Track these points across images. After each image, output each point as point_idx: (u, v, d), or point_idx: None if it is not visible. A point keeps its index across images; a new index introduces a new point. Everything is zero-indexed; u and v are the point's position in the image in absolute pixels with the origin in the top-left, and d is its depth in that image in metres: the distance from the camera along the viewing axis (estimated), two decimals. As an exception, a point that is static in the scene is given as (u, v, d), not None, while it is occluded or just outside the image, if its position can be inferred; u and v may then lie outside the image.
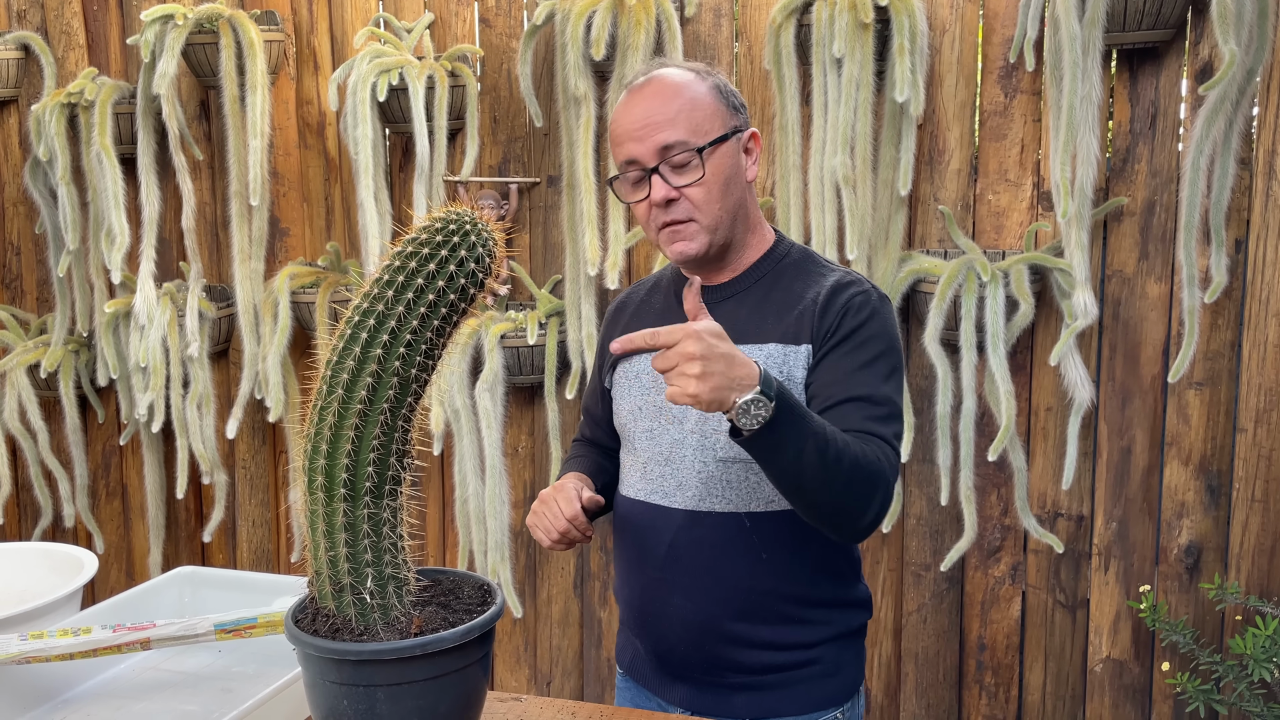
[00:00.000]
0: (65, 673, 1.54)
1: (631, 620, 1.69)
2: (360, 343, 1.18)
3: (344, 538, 1.22)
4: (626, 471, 1.70)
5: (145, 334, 3.07)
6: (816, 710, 1.61)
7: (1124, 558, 2.60)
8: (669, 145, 1.53)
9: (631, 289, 1.82)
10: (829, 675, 1.62)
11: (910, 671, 2.81)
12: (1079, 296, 2.40)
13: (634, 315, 1.74)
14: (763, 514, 1.57)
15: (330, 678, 1.22)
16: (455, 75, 2.89)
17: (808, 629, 1.60)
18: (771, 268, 1.63)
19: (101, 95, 3.09)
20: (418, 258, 1.17)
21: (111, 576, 3.56)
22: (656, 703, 1.68)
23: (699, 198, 1.54)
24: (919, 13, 2.45)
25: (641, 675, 1.70)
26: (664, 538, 1.60)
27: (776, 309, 1.58)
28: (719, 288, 1.63)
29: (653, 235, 1.60)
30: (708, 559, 1.57)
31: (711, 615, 1.58)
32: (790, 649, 1.59)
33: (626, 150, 1.56)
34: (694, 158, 1.53)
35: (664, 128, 1.53)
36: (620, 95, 1.62)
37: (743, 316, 1.59)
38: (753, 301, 1.61)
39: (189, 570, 1.81)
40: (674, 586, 1.60)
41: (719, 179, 1.55)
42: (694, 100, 1.55)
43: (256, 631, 1.49)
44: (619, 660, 1.77)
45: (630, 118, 1.56)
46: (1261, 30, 2.25)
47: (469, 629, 1.23)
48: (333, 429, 1.20)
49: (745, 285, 1.62)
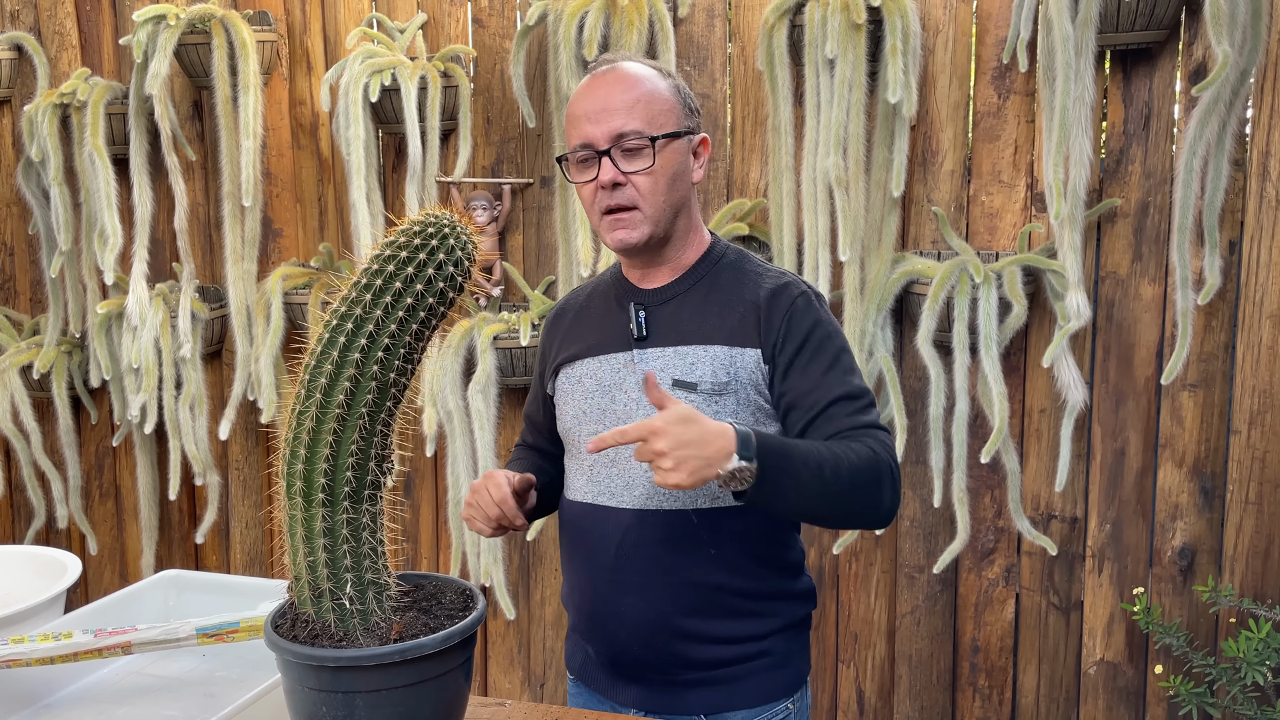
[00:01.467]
0: (47, 677, 1.53)
1: (582, 624, 1.69)
2: (338, 346, 1.17)
3: (323, 543, 1.22)
4: (571, 476, 1.70)
5: (138, 335, 3.07)
6: (768, 702, 1.62)
7: (1118, 560, 2.59)
8: (624, 133, 1.55)
9: (571, 294, 1.82)
10: (779, 666, 1.64)
11: (904, 674, 2.80)
12: (1072, 298, 2.39)
13: (574, 320, 1.74)
14: (710, 510, 1.58)
15: (309, 684, 1.21)
16: (448, 76, 2.89)
17: (757, 621, 1.61)
18: (710, 269, 1.65)
19: (94, 96, 3.08)
20: (395, 261, 1.16)
21: (105, 578, 3.56)
22: (609, 705, 1.68)
23: (646, 186, 1.56)
24: (912, 13, 2.44)
25: (592, 679, 1.71)
26: (613, 538, 1.61)
27: (718, 310, 1.60)
28: (660, 290, 1.65)
29: (595, 220, 1.61)
30: (657, 557, 1.59)
31: (663, 613, 1.59)
32: (741, 642, 1.60)
33: (581, 131, 1.57)
34: (647, 145, 1.55)
35: (620, 114, 1.55)
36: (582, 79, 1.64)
37: (685, 318, 1.61)
38: (694, 303, 1.62)
39: (174, 574, 1.81)
40: (625, 587, 1.61)
41: (667, 172, 1.57)
42: (652, 93, 1.57)
43: (239, 636, 1.48)
44: (569, 666, 1.77)
45: (589, 100, 1.58)
46: (1255, 31, 2.24)
47: (449, 635, 1.23)
48: (311, 433, 1.19)
49: (685, 287, 1.64)
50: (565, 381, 1.69)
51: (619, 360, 1.63)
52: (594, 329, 1.69)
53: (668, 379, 1.57)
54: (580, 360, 1.67)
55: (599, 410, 1.63)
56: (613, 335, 1.65)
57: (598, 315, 1.70)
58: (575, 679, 1.76)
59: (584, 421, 1.65)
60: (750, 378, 1.56)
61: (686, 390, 1.55)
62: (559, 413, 1.71)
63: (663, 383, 1.57)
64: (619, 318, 1.65)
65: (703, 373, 1.56)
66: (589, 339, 1.68)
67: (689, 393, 1.55)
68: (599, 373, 1.64)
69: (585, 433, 1.65)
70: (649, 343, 1.61)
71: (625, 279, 1.69)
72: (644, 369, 1.59)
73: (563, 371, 1.70)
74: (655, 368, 1.58)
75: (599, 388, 1.63)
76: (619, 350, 1.63)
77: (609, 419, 1.62)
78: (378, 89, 2.78)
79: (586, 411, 1.64)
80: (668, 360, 1.58)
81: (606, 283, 1.74)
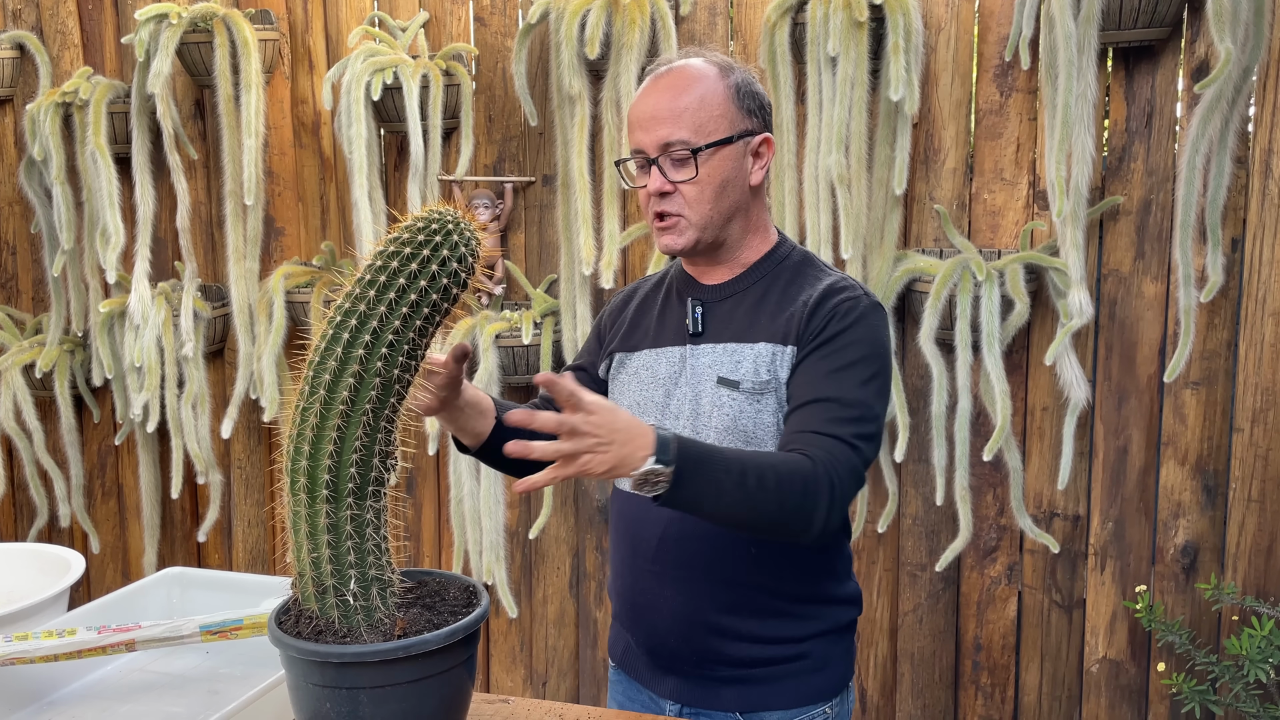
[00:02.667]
0: (51, 674, 1.53)
1: (624, 613, 1.70)
2: (342, 343, 1.17)
3: (327, 539, 1.22)
4: None
5: (140, 334, 3.07)
6: (805, 705, 1.62)
7: (1120, 558, 2.59)
8: (670, 142, 1.55)
9: (641, 280, 1.83)
10: (817, 670, 1.63)
11: (906, 672, 2.80)
12: (1074, 296, 2.39)
13: (639, 308, 1.76)
14: None
15: (313, 680, 1.21)
16: (450, 74, 2.89)
17: (796, 623, 1.61)
18: (771, 269, 1.64)
19: (96, 94, 3.08)
20: (399, 257, 1.16)
21: (107, 577, 3.56)
22: (648, 694, 1.69)
23: (691, 195, 1.56)
24: (914, 11, 2.44)
25: (633, 668, 1.72)
26: (656, 530, 1.61)
27: (771, 310, 1.59)
28: (718, 287, 1.65)
29: (649, 222, 1.64)
30: (698, 552, 1.59)
31: (700, 608, 1.59)
32: (778, 643, 1.60)
33: (635, 138, 1.59)
34: (691, 157, 1.55)
35: (667, 123, 1.55)
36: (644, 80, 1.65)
37: (739, 316, 1.61)
38: (750, 302, 1.62)
39: (177, 571, 1.81)
40: (665, 579, 1.61)
41: (714, 181, 1.56)
42: (703, 99, 1.56)
43: (242, 633, 1.48)
44: (611, 653, 1.79)
45: (642, 106, 1.59)
46: (1258, 28, 2.24)
47: (453, 631, 1.23)
48: (315, 430, 1.19)
49: (744, 286, 1.63)
50: (621, 371, 1.70)
51: (674, 355, 1.64)
52: (653, 320, 1.70)
53: (713, 376, 1.57)
54: (638, 351, 1.68)
55: (654, 404, 1.64)
56: (671, 329, 1.66)
57: (659, 306, 1.71)
58: (617, 666, 1.77)
59: (638, 414, 1.64)
60: (787, 376, 1.56)
61: (730, 389, 1.55)
62: (615, 400, 1.70)
63: (707, 381, 1.57)
64: (678, 312, 1.67)
65: (745, 371, 1.56)
66: (648, 329, 1.70)
67: (732, 391, 1.55)
68: (655, 365, 1.65)
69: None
70: (703, 339, 1.61)
71: (686, 273, 1.69)
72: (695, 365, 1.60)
73: (618, 357, 1.71)
74: (704, 364, 1.59)
75: (654, 380, 1.65)
76: (675, 344, 1.64)
77: (662, 414, 1.62)
78: (379, 87, 2.78)
79: (642, 404, 1.65)
80: (717, 357, 1.58)
81: (671, 275, 1.75)
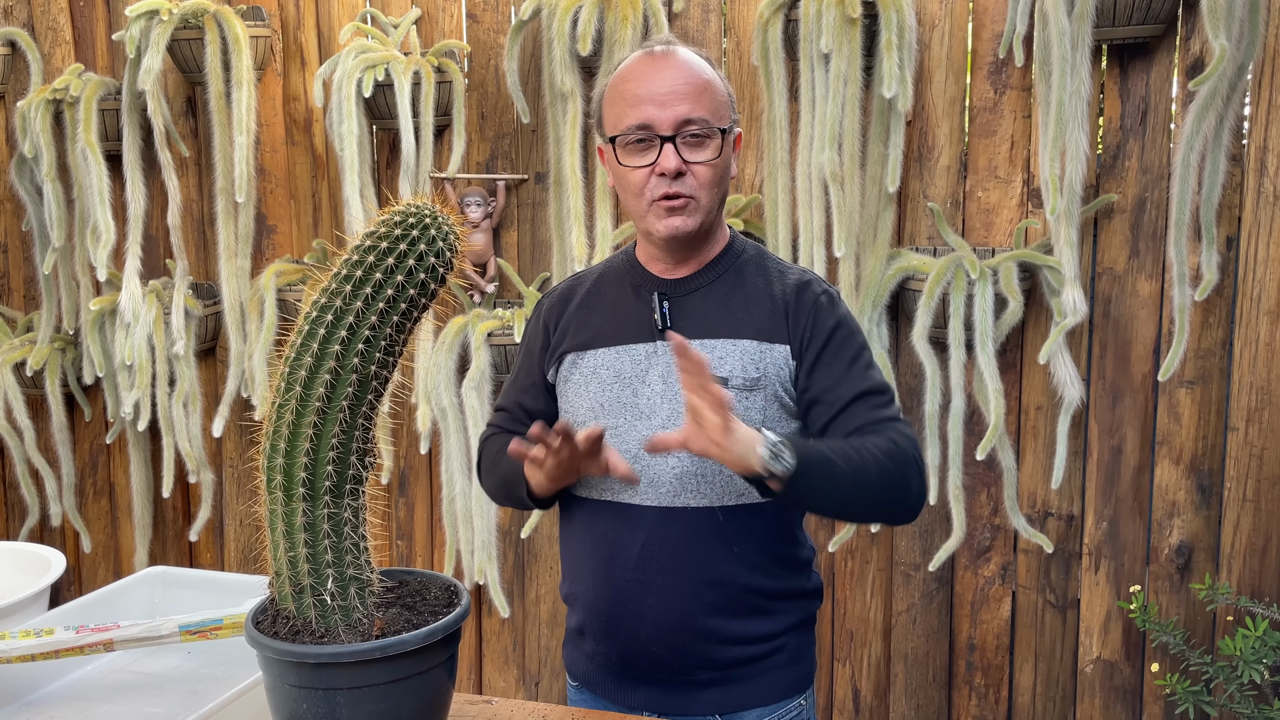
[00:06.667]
0: (29, 674, 1.52)
1: (597, 627, 1.62)
2: (318, 339, 1.15)
3: (303, 538, 1.20)
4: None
5: (131, 332, 3.05)
6: (782, 699, 1.61)
7: (1114, 558, 2.57)
8: (691, 119, 1.51)
9: (573, 278, 1.72)
10: (792, 664, 1.62)
11: (900, 672, 2.78)
12: (1068, 294, 2.38)
13: (582, 306, 1.66)
14: (735, 507, 1.55)
15: (290, 680, 1.20)
16: (442, 71, 2.87)
17: (773, 619, 1.60)
18: (732, 263, 1.62)
19: (87, 91, 3.07)
20: (375, 252, 1.15)
21: (99, 576, 3.54)
22: (616, 710, 1.63)
23: (706, 177, 1.53)
24: (907, 8, 2.42)
25: (599, 684, 1.65)
26: (637, 537, 1.56)
27: (743, 304, 1.58)
28: (683, 281, 1.61)
29: (643, 206, 1.54)
30: (682, 556, 1.55)
31: (686, 613, 1.55)
32: (758, 641, 1.59)
33: (644, 113, 1.51)
34: (714, 136, 1.53)
35: (688, 100, 1.51)
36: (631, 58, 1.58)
37: (711, 311, 1.58)
38: (718, 296, 1.59)
39: (160, 570, 1.79)
40: (648, 587, 1.56)
41: (724, 165, 1.56)
42: (713, 84, 1.56)
43: (222, 633, 1.46)
44: (571, 673, 1.71)
45: (652, 81, 1.52)
46: (1252, 25, 2.22)
47: (432, 631, 1.21)
48: (290, 427, 1.17)
49: (708, 280, 1.60)
50: (574, 371, 1.62)
51: (640, 352, 1.58)
52: (606, 317, 1.62)
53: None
54: (593, 350, 1.60)
55: (620, 403, 1.57)
56: (631, 325, 1.59)
57: (610, 303, 1.64)
58: (579, 685, 1.70)
59: (602, 415, 1.58)
60: (778, 374, 1.55)
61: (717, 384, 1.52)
62: (567, 404, 1.63)
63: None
64: (637, 307, 1.60)
65: (733, 367, 1.53)
66: (601, 327, 1.62)
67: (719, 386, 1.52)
68: (616, 363, 1.58)
69: (605, 427, 1.55)
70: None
71: (643, 267, 1.63)
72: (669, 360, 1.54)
73: (568, 359, 1.63)
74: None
75: (618, 379, 1.58)
76: (640, 341, 1.58)
77: (630, 412, 1.56)
78: (371, 85, 2.77)
79: (605, 404, 1.58)
80: None
81: (617, 269, 1.67)
